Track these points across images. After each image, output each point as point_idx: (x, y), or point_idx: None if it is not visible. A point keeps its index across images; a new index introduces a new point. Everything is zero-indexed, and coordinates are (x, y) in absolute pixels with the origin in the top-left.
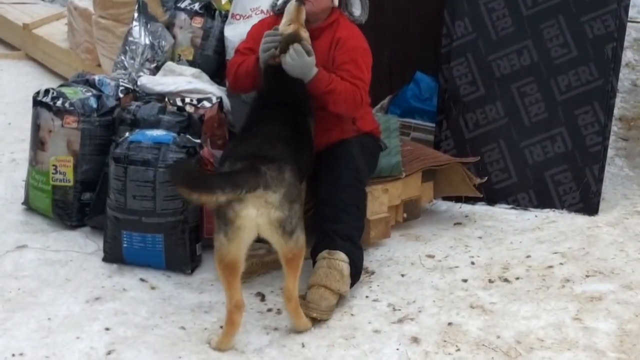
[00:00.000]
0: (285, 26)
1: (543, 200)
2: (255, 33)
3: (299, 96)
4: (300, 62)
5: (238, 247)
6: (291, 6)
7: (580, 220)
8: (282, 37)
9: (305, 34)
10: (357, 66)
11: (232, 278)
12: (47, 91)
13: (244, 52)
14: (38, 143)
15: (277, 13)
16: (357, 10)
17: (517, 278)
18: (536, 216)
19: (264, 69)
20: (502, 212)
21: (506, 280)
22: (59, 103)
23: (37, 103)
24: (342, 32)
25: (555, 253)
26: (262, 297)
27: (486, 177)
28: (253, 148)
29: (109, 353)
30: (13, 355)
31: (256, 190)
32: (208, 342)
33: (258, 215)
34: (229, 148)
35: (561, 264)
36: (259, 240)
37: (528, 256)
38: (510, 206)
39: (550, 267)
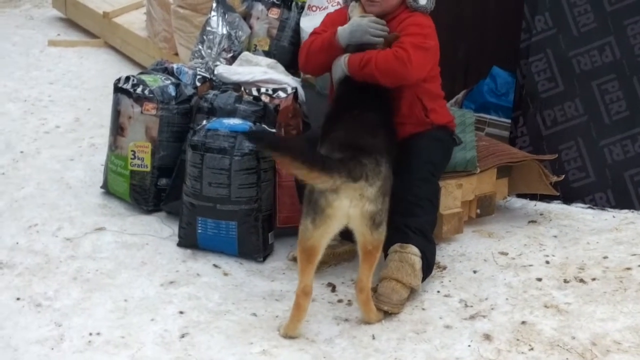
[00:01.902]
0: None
1: (621, 200)
2: (332, 20)
3: (384, 94)
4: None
5: (322, 235)
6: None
7: None
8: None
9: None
10: (408, 34)
11: (307, 263)
12: (127, 78)
13: (320, 34)
14: (118, 128)
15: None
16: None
17: (594, 279)
18: (614, 217)
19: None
20: (579, 212)
21: (582, 280)
22: (139, 90)
23: (117, 89)
24: (408, 15)
25: (634, 255)
26: (333, 287)
27: (563, 176)
28: (352, 136)
29: (182, 336)
30: (90, 334)
31: (358, 181)
32: (278, 330)
33: (351, 206)
34: (323, 130)
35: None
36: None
37: (605, 257)
38: (587, 206)
39: (629, 269)
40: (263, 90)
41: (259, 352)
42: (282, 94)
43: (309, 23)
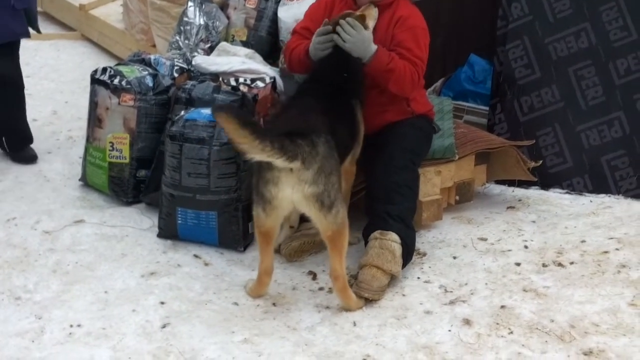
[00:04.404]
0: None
1: (599, 185)
2: (313, 12)
3: (344, 77)
4: (360, 36)
5: (274, 220)
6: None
7: (637, 206)
8: (335, 20)
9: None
10: (417, 44)
11: (266, 244)
12: (104, 69)
13: (301, 33)
14: (95, 120)
15: None
16: None
17: (572, 263)
18: (591, 201)
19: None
20: (557, 197)
21: (560, 264)
22: (116, 81)
23: (95, 81)
24: (403, 11)
25: (611, 238)
26: (314, 275)
27: (540, 161)
28: (285, 124)
29: (163, 326)
30: (71, 326)
31: (294, 161)
32: (244, 286)
33: (293, 192)
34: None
35: (617, 249)
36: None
37: (583, 241)
38: (565, 191)
39: (606, 252)
40: (241, 80)
41: (241, 341)
42: (260, 84)
43: (287, 13)
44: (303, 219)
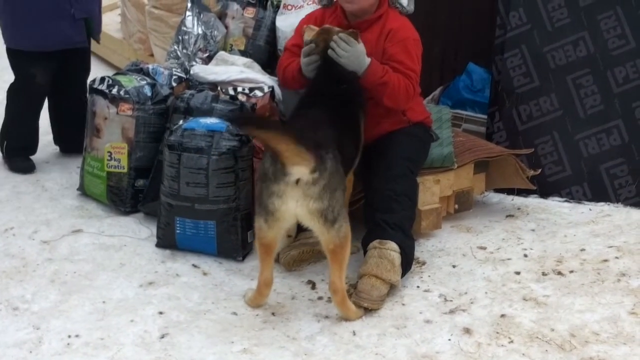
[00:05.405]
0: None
1: (598, 193)
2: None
3: (347, 89)
4: (354, 50)
5: (276, 232)
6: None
7: (636, 214)
8: (317, 38)
9: (335, 28)
10: (409, 57)
11: (266, 255)
12: (102, 79)
13: (292, 50)
14: (93, 130)
15: (326, 6)
16: (404, 0)
17: (572, 271)
18: (590, 209)
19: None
20: (556, 205)
21: (560, 273)
22: (114, 91)
23: (93, 91)
24: (393, 24)
25: (611, 247)
26: (313, 285)
27: (539, 170)
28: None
29: (162, 337)
30: (69, 336)
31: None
32: (243, 296)
33: (297, 206)
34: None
35: (617, 257)
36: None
37: (582, 249)
38: (564, 199)
39: (606, 260)
40: (239, 89)
41: (240, 351)
42: (258, 93)
43: (285, 22)
44: (302, 228)
